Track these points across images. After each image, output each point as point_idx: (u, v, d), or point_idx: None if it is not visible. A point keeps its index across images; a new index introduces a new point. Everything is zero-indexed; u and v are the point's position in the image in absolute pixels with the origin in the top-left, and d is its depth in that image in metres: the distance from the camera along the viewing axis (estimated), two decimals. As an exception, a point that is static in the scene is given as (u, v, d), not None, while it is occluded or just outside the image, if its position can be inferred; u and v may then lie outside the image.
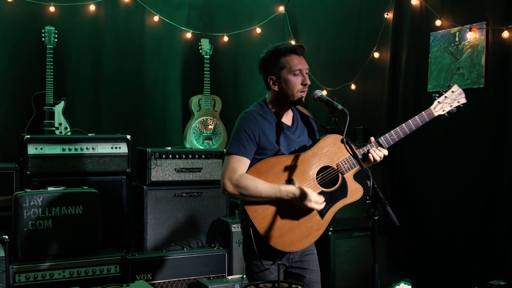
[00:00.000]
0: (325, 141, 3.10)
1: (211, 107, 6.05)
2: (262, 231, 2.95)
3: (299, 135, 3.16)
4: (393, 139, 3.14)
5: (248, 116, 3.06)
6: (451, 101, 3.18)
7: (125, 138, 5.11)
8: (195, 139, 5.96)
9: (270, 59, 3.09)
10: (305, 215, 3.01)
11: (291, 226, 2.98)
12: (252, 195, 2.91)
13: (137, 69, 5.97)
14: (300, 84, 3.04)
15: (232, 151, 2.98)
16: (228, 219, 5.15)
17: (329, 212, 3.07)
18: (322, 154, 3.07)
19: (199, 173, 5.31)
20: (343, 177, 3.09)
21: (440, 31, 5.02)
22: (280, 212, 2.97)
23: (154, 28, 6.01)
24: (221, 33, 6.33)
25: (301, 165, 3.02)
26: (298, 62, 3.04)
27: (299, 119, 3.24)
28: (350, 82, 6.01)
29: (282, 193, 2.91)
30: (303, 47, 3.09)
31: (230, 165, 2.96)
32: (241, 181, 2.90)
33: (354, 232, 4.94)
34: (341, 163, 3.08)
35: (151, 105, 6.02)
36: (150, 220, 5.06)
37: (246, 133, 2.99)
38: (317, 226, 3.04)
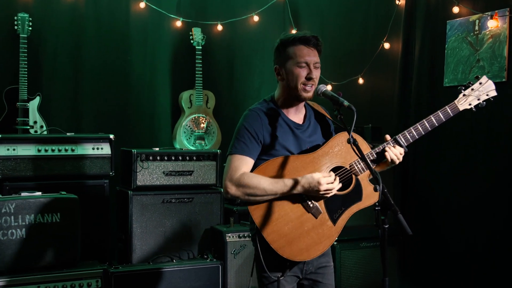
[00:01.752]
0: (336, 139, 3.11)
1: (204, 104, 6.04)
2: (269, 238, 2.96)
3: (310, 134, 3.17)
4: (413, 137, 3.14)
5: (251, 113, 3.08)
6: (479, 94, 3.15)
7: (107, 138, 5.09)
8: (186, 139, 5.94)
9: (279, 47, 3.12)
10: (315, 220, 3.01)
11: (300, 233, 2.99)
12: (256, 194, 2.92)
13: (121, 61, 5.94)
14: (304, 77, 3.03)
15: (234, 151, 3.01)
16: (222, 227, 5.14)
17: (342, 217, 3.07)
18: (334, 154, 3.08)
19: (190, 176, 5.29)
20: (357, 178, 3.09)
21: (457, 19, 5.01)
22: (288, 217, 2.98)
23: (140, 16, 5.99)
24: (215, 21, 6.31)
25: (311, 165, 3.03)
26: (306, 54, 3.05)
27: (313, 117, 3.25)
28: (358, 76, 6.00)
29: (287, 186, 2.93)
30: (317, 38, 3.10)
31: (231, 165, 2.99)
32: (242, 179, 2.93)
33: (362, 242, 4.94)
34: (354, 164, 3.09)
35: (137, 101, 6.00)
36: (136, 229, 5.04)
37: (248, 131, 3.02)
38: (329, 233, 3.04)
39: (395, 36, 5.65)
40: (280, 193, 2.93)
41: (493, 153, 4.70)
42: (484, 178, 4.75)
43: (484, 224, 4.72)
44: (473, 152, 4.87)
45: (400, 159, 3.07)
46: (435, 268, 5.11)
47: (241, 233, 5.01)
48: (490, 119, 4.70)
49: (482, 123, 4.78)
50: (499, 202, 4.61)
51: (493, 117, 4.68)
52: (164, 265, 4.83)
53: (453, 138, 5.02)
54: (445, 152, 5.10)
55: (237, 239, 5.01)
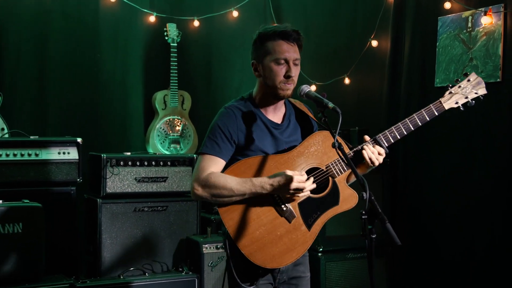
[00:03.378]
0: (313, 138, 3.11)
1: (179, 105, 6.03)
2: (239, 243, 2.95)
3: (290, 134, 3.17)
4: (394, 137, 3.13)
5: (226, 111, 3.09)
6: (467, 92, 3.15)
7: (75, 142, 5.07)
8: (160, 143, 5.93)
9: (256, 41, 3.11)
10: (288, 225, 3.00)
11: (273, 238, 2.98)
12: (223, 194, 2.93)
13: (90, 58, 5.92)
14: (282, 76, 3.03)
15: (204, 150, 3.02)
16: (199, 238, 5.13)
17: (317, 222, 3.06)
18: (310, 154, 3.08)
19: (164, 183, 5.29)
20: (334, 181, 3.09)
21: (449, 15, 5.05)
22: (260, 221, 2.98)
23: (111, 10, 5.97)
24: (191, 16, 6.31)
25: (285, 166, 3.02)
26: (285, 50, 3.04)
27: (293, 116, 3.25)
28: (344, 76, 6.03)
29: (256, 186, 2.92)
30: (299, 33, 3.08)
31: (199, 165, 3.01)
32: (209, 179, 2.94)
33: (348, 253, 4.96)
34: (331, 165, 3.08)
35: (107, 102, 5.98)
36: (105, 240, 5.02)
37: (221, 130, 3.02)
38: (303, 239, 3.03)
39: (384, 33, 5.68)
40: (248, 193, 2.93)
41: (489, 156, 4.74)
42: (480, 183, 4.78)
43: (481, 232, 4.75)
44: (468, 155, 4.90)
45: (380, 161, 3.05)
46: (427, 281, 5.13)
47: (219, 244, 5.01)
48: (485, 121, 4.74)
49: (476, 125, 4.81)
50: (497, 208, 4.65)
51: (488, 119, 4.72)
52: (135, 279, 4.81)
53: (446, 140, 5.05)
54: (438, 155, 5.13)
55: (215, 251, 5.01)
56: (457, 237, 4.92)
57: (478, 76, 3.17)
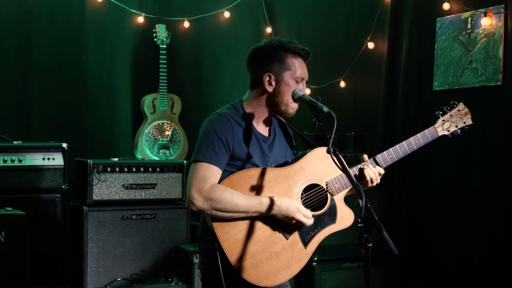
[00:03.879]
0: (313, 154, 3.12)
1: (169, 109, 6.02)
2: (232, 259, 2.91)
3: (276, 148, 3.18)
4: (392, 159, 3.23)
5: (221, 118, 3.05)
6: (457, 121, 3.37)
7: (60, 147, 5.06)
8: (149, 148, 5.91)
9: (277, 53, 3.09)
10: (285, 242, 2.99)
11: (268, 254, 2.97)
12: (227, 210, 2.89)
13: (76, 61, 5.91)
14: None
15: (201, 158, 2.95)
16: (189, 247, 5.11)
17: (313, 240, 3.07)
18: (310, 170, 3.09)
19: (153, 190, 5.27)
20: (332, 198, 3.10)
21: (448, 16, 5.06)
22: (255, 237, 2.95)
23: (98, 10, 5.96)
24: (181, 17, 6.31)
25: (285, 180, 3.02)
26: (304, 69, 3.11)
27: (277, 128, 3.27)
28: (339, 79, 6.03)
29: (263, 205, 2.91)
30: (309, 53, 3.15)
31: (199, 174, 2.93)
32: (214, 192, 2.88)
33: (344, 263, 4.95)
34: (331, 182, 3.10)
35: (94, 105, 5.96)
36: (92, 249, 5.00)
37: (218, 137, 2.98)
38: (299, 257, 3.03)
39: (380, 34, 5.68)
40: (252, 212, 2.91)
41: (488, 162, 4.74)
42: (478, 190, 4.78)
43: (479, 240, 4.75)
44: (466, 161, 4.90)
45: (378, 181, 3.15)
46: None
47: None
48: (484, 126, 4.73)
49: (475, 130, 4.79)
50: (495, 215, 4.65)
51: (487, 124, 4.72)
52: (123, 290, 4.80)
53: (444, 146, 5.04)
54: (435, 161, 5.13)
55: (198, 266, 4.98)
56: (455, 245, 4.91)
57: (466, 106, 3.40)
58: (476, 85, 4.80)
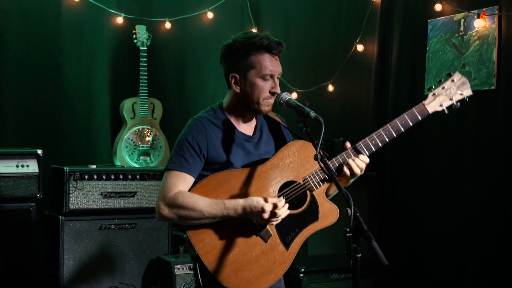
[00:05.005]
0: (288, 149, 3.09)
1: (149, 114, 6.01)
2: (211, 267, 2.93)
3: (262, 146, 3.16)
4: (375, 144, 3.07)
5: (194, 123, 3.07)
6: (452, 93, 3.10)
7: (35, 154, 5.04)
8: (128, 155, 5.90)
9: (238, 51, 3.07)
10: (264, 245, 2.99)
11: (248, 259, 2.97)
12: (192, 216, 2.90)
13: (52, 63, 5.89)
14: (268, 92, 3.04)
15: (171, 166, 3.00)
16: (170, 258, 5.11)
17: (295, 240, 3.04)
18: (285, 166, 3.06)
19: (132, 198, 5.27)
20: (312, 194, 3.07)
21: (440, 18, 5.09)
22: (233, 242, 2.95)
23: (74, 10, 5.95)
24: (162, 18, 6.30)
25: (258, 180, 3.01)
26: (271, 64, 3.04)
27: (265, 127, 3.25)
28: (327, 83, 6.04)
29: (228, 209, 2.90)
30: (281, 45, 3.09)
31: (166, 182, 2.99)
32: (177, 199, 2.91)
33: (332, 274, 4.96)
34: (309, 177, 3.07)
35: (70, 110, 5.95)
36: (68, 261, 4.99)
37: (190, 144, 3.00)
38: (281, 260, 3.01)
39: (370, 37, 5.70)
40: (220, 216, 2.90)
41: (482, 170, 4.76)
42: (472, 198, 4.80)
43: (473, 251, 4.77)
44: (459, 169, 4.92)
45: (362, 169, 3.04)
46: (416, 303, 5.16)
47: (192, 264, 4.97)
48: (478, 132, 4.76)
49: (469, 136, 4.84)
50: (489, 225, 4.67)
51: (481, 130, 4.74)
52: (101, 303, 4.79)
53: (436, 153, 5.07)
54: (428, 168, 5.15)
55: (188, 271, 4.98)
56: (448, 255, 4.93)
57: (462, 75, 3.12)
58: (469, 89, 4.82)
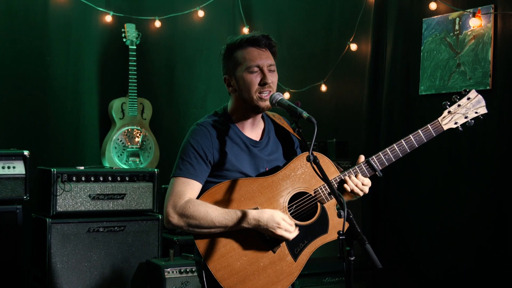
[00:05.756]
0: (300, 160, 3.11)
1: (139, 114, 6.00)
2: (218, 275, 2.94)
3: (270, 152, 3.18)
4: (389, 159, 3.14)
5: (199, 129, 3.08)
6: (466, 111, 3.18)
7: (21, 155, 5.02)
8: (117, 156, 5.89)
9: (225, 55, 3.14)
10: (273, 255, 3.00)
11: (255, 269, 2.98)
12: (202, 225, 2.91)
13: (39, 62, 5.87)
14: (257, 84, 3.05)
15: (178, 173, 3.01)
16: (160, 261, 5.09)
17: (304, 252, 3.06)
18: (296, 177, 3.08)
19: (121, 200, 5.26)
20: (322, 206, 3.10)
21: (435, 16, 5.10)
22: (240, 251, 2.97)
23: (62, 8, 5.93)
24: (152, 16, 6.29)
25: (269, 190, 3.02)
26: (256, 56, 3.07)
27: (273, 132, 3.27)
28: (320, 83, 6.05)
29: (240, 220, 2.92)
30: (269, 37, 3.12)
31: (174, 190, 2.99)
32: (187, 208, 2.92)
33: (325, 277, 4.96)
34: (320, 189, 3.09)
35: (58, 110, 5.92)
36: (55, 264, 4.97)
37: (195, 150, 3.02)
38: (288, 271, 3.03)
39: (364, 36, 5.72)
40: (230, 226, 2.92)
41: (477, 172, 4.77)
42: (467, 201, 4.82)
43: (468, 255, 4.78)
44: (454, 171, 4.94)
45: (365, 191, 3.09)
46: (411, 307, 5.17)
47: (182, 267, 4.97)
48: (473, 133, 4.77)
49: (464, 138, 4.85)
50: (484, 228, 4.68)
51: (476, 133, 4.75)
52: (89, 308, 4.78)
53: (431, 154, 5.08)
54: (422, 170, 5.16)
55: (178, 275, 4.97)
56: (443, 259, 4.95)
57: (478, 94, 3.20)
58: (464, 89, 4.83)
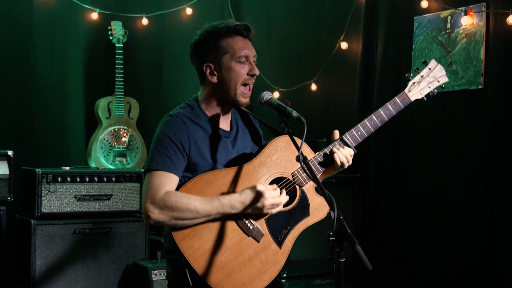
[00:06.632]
0: (274, 145, 3.11)
1: (125, 113, 5.99)
2: (202, 273, 2.90)
3: (240, 142, 3.18)
4: (361, 135, 3.20)
5: (174, 120, 3.05)
6: (430, 81, 3.27)
7: (5, 155, 5.00)
8: (103, 156, 5.88)
9: (208, 42, 3.11)
10: (257, 245, 3.00)
11: (240, 261, 2.97)
12: (187, 217, 2.87)
13: (23, 61, 5.86)
14: (245, 74, 3.06)
15: (155, 166, 2.95)
16: (148, 263, 5.09)
17: (288, 238, 3.06)
18: (272, 163, 3.08)
19: (108, 201, 5.26)
20: (301, 189, 3.10)
21: (427, 15, 5.12)
22: (223, 245, 2.95)
23: (47, 6, 5.92)
24: (139, 13, 6.29)
25: (246, 178, 3.02)
26: (244, 46, 3.08)
27: (240, 121, 3.27)
28: (310, 81, 6.06)
29: (224, 206, 2.90)
30: (249, 28, 3.13)
31: (152, 183, 2.93)
32: (168, 200, 2.87)
33: (315, 279, 4.97)
34: (297, 172, 3.10)
35: (43, 109, 5.92)
36: (40, 267, 4.96)
37: (172, 141, 2.98)
38: (274, 259, 3.03)
39: (354, 34, 5.73)
40: (215, 213, 2.90)
41: (470, 172, 4.78)
42: (459, 201, 4.83)
43: (460, 257, 4.79)
44: (446, 171, 4.95)
45: (350, 162, 3.13)
46: (402, 309, 5.18)
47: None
48: (465, 133, 4.79)
49: (456, 137, 4.87)
50: (477, 230, 4.70)
51: (468, 132, 4.77)
52: (75, 311, 4.78)
53: (422, 154, 5.10)
54: (414, 170, 5.17)
55: (165, 277, 4.97)
56: (435, 261, 4.96)
57: (438, 62, 3.31)
58: (456, 88, 4.85)
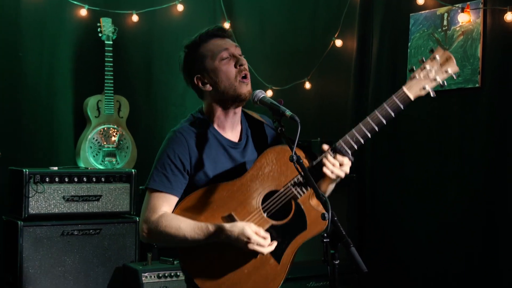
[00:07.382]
0: (265, 158, 3.08)
1: (115, 112, 5.98)
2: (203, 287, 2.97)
3: (249, 154, 3.18)
4: (357, 141, 3.02)
5: (174, 136, 3.06)
6: (436, 72, 2.93)
7: (-8, 155, 5.00)
8: (93, 156, 5.87)
9: (189, 56, 3.15)
10: (255, 260, 3.00)
11: (240, 277, 2.99)
12: (176, 242, 2.94)
13: (10, 58, 5.84)
14: (234, 68, 3.06)
15: (152, 185, 3.00)
16: (138, 265, 5.10)
17: (286, 252, 3.05)
18: (265, 176, 3.06)
19: (97, 202, 5.26)
20: (297, 203, 3.06)
21: (423, 12, 5.12)
22: (223, 260, 2.98)
23: (35, 2, 5.90)
24: (129, 10, 6.27)
25: (239, 194, 3.02)
26: (221, 44, 3.09)
27: (249, 131, 3.26)
28: (304, 80, 6.06)
29: (211, 235, 2.91)
30: (223, 29, 3.16)
31: (149, 204, 2.99)
32: (160, 223, 2.93)
33: (309, 282, 4.97)
34: (291, 185, 3.05)
35: (31, 108, 5.90)
36: (27, 269, 4.95)
37: (171, 160, 3.00)
38: (274, 274, 3.04)
39: (349, 31, 5.73)
40: (203, 241, 2.92)
41: (467, 172, 4.79)
42: (456, 201, 4.84)
43: (458, 257, 4.80)
44: (443, 171, 4.96)
45: (347, 171, 3.01)
46: (398, 312, 5.18)
47: (160, 272, 4.97)
48: (462, 132, 4.80)
49: (453, 136, 4.88)
50: (475, 230, 4.70)
51: (465, 131, 4.78)
52: (63, 314, 4.76)
53: (419, 154, 5.10)
54: (410, 170, 5.18)
55: (156, 280, 4.97)
56: (432, 262, 4.97)
57: (446, 50, 2.94)
58: (453, 87, 4.86)
